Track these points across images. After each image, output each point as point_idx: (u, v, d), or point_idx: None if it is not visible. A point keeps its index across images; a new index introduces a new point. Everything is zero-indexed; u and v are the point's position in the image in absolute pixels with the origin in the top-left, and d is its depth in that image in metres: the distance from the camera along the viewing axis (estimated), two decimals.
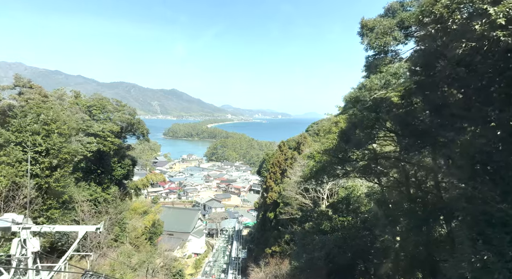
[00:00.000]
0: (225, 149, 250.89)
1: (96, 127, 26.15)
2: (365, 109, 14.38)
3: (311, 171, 18.77)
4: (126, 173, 31.92)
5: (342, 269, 21.17)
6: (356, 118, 14.76)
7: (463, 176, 8.29)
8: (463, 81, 7.58)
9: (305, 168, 20.08)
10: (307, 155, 19.78)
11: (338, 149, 16.71)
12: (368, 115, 14.06)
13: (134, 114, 32.65)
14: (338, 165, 18.40)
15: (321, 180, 18.95)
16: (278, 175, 50.22)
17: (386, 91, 11.31)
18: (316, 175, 18.51)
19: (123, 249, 30.81)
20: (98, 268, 21.64)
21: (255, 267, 41.65)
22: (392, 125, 14.75)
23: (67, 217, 19.96)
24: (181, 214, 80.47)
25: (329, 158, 17.75)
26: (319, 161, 18.41)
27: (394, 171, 18.47)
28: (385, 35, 11.60)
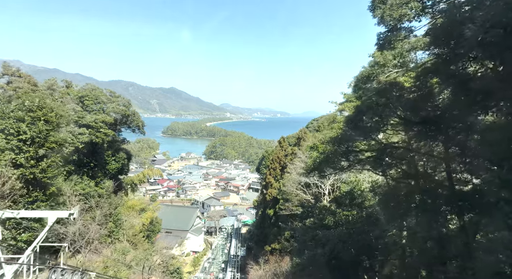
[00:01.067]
0: (224, 148, 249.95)
1: (89, 118, 24.99)
2: (374, 94, 13.34)
3: (315, 162, 17.72)
4: (120, 167, 30.78)
5: (345, 266, 20.19)
6: (364, 104, 13.71)
7: (495, 157, 7.24)
8: (499, 47, 6.53)
9: (308, 159, 19.02)
10: (310, 146, 18.75)
11: (344, 138, 15.65)
12: (378, 100, 13.02)
13: (128, 105, 31.50)
14: (343, 156, 17.35)
15: (324, 172, 17.88)
16: (278, 171, 49.23)
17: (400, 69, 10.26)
18: (319, 167, 17.45)
19: (118, 246, 29.76)
20: (89, 265, 20.61)
21: (254, 265, 40.67)
22: (402, 111, 13.70)
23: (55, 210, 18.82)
24: (180, 212, 79.80)
25: (333, 148, 16.69)
26: (322, 152, 17.35)
27: (402, 163, 17.42)
28: (400, 7, 10.53)
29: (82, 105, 26.66)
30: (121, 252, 27.15)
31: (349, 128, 14.74)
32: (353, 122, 14.27)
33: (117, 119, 30.30)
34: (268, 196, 49.23)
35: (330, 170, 18.00)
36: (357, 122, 14.07)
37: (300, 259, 21.65)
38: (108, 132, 25.94)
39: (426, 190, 14.62)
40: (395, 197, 17.06)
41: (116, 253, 26.14)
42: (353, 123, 14.33)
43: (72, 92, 27.52)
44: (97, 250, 22.38)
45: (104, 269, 22.32)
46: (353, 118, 14.19)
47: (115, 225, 28.95)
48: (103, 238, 26.00)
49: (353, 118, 14.19)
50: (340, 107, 17.71)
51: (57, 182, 18.75)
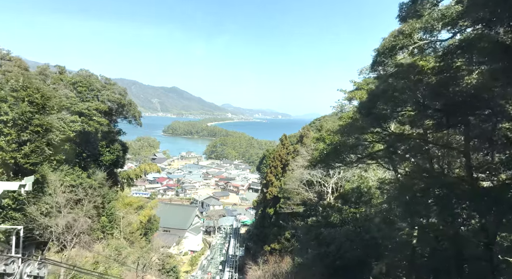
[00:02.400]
0: (224, 147, 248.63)
1: (81, 105, 23.73)
2: (391, 77, 12.04)
3: (321, 154, 16.42)
4: (115, 159, 29.46)
5: (351, 267, 18.87)
6: (379, 88, 12.41)
7: None
8: None
9: (314, 151, 17.72)
10: (316, 137, 17.46)
11: (354, 127, 14.35)
12: (395, 83, 11.72)
13: (124, 94, 30.18)
14: (352, 149, 16.05)
15: (332, 164, 16.60)
16: (279, 169, 47.91)
17: (429, 40, 8.98)
18: (326, 159, 16.17)
19: (112, 242, 28.46)
20: (76, 260, 19.32)
21: (253, 265, 39.31)
22: (421, 97, 12.40)
23: (39, 200, 17.62)
24: (178, 210, 78.71)
25: (342, 139, 15.41)
26: (330, 143, 16.06)
27: (416, 156, 16.11)
28: None
29: (76, 92, 25.41)
30: (114, 248, 25.87)
31: (361, 114, 13.45)
32: (366, 108, 12.98)
33: (112, 109, 29.01)
34: (268, 195, 47.90)
35: (337, 163, 16.73)
36: (370, 108, 12.77)
37: (302, 259, 20.35)
38: (102, 121, 24.66)
39: (444, 185, 13.27)
40: (408, 194, 15.74)
41: (108, 249, 24.86)
42: (365, 110, 13.05)
43: (65, 78, 26.26)
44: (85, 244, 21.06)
45: (94, 264, 21.06)
46: (366, 104, 12.92)
47: (108, 220, 27.64)
48: (94, 233, 24.74)
49: (366, 103, 12.91)
50: (349, 95, 16.43)
51: (42, 170, 17.53)
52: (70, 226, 19.21)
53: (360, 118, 14.38)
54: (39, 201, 17.78)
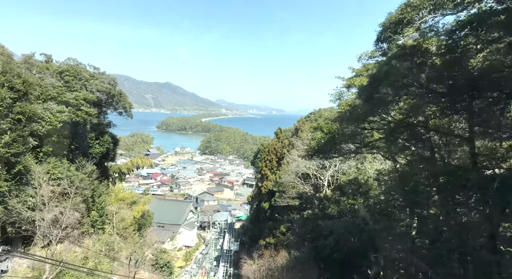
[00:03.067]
0: (218, 143, 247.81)
1: (69, 95, 22.71)
2: (394, 58, 11.41)
3: (319, 143, 15.80)
4: (105, 152, 28.51)
5: (349, 259, 18.41)
6: (381, 71, 11.78)
7: None
8: None
9: (311, 141, 17.10)
10: (314, 127, 16.83)
11: (354, 113, 13.74)
12: (399, 65, 11.10)
13: (114, 84, 29.07)
14: (351, 137, 15.45)
15: (329, 154, 15.99)
16: (274, 163, 47.34)
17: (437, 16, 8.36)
18: (324, 148, 15.56)
19: (102, 237, 27.68)
20: (64, 256, 18.53)
21: (248, 259, 38.82)
22: (425, 80, 11.81)
23: (21, 192, 16.77)
24: (173, 206, 78.15)
25: (341, 127, 14.80)
26: (328, 132, 15.45)
27: (417, 145, 15.59)
28: None
29: (63, 81, 24.31)
30: (105, 243, 25.10)
31: (361, 100, 12.83)
32: (367, 92, 12.35)
33: (101, 99, 27.96)
34: (263, 189, 47.37)
35: (335, 152, 16.13)
36: (371, 93, 12.14)
37: (299, 252, 19.84)
38: (91, 111, 23.69)
39: (448, 173, 12.74)
40: (408, 183, 15.24)
41: (99, 244, 24.07)
42: (366, 94, 12.42)
43: (51, 67, 25.13)
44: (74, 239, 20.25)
45: (83, 260, 20.30)
46: (367, 88, 12.28)
47: (99, 214, 26.79)
48: (84, 228, 23.92)
49: (367, 87, 12.28)
50: (348, 82, 15.79)
51: (25, 161, 16.64)
52: (57, 220, 18.39)
53: (360, 105, 13.78)
54: (21, 193, 16.92)
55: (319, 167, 32.43)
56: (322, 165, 32.68)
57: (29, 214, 17.19)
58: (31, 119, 16.48)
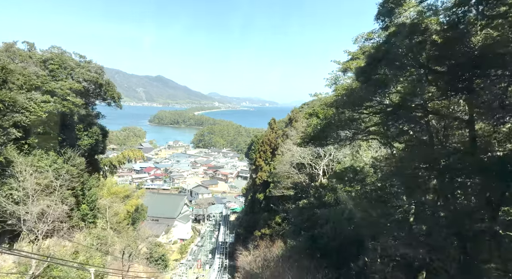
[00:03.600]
0: (212, 136, 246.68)
1: (53, 84, 21.75)
2: (393, 36, 10.90)
3: (314, 129, 15.31)
4: (94, 143, 27.63)
5: (346, 247, 18.16)
6: (379, 50, 11.27)
7: None
8: None
9: (307, 127, 16.61)
10: (309, 113, 16.32)
11: (351, 97, 13.25)
12: (398, 43, 10.59)
13: (102, 73, 28.00)
14: (348, 122, 14.99)
15: (325, 141, 15.52)
16: (269, 154, 46.94)
17: None
18: (320, 134, 15.08)
19: (94, 231, 27.06)
20: (53, 251, 17.91)
21: (244, 251, 38.65)
22: (426, 59, 11.33)
23: (4, 185, 16.02)
24: (167, 199, 77.89)
25: (337, 112, 14.32)
26: (324, 118, 14.96)
27: (415, 129, 15.22)
28: None
29: (47, 70, 23.24)
30: (96, 237, 24.50)
31: (359, 81, 12.33)
32: (365, 73, 11.85)
33: (89, 89, 26.94)
34: (258, 180, 47.02)
35: (332, 139, 15.67)
36: (370, 73, 11.65)
37: (295, 241, 19.53)
38: (77, 101, 22.75)
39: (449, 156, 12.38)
40: (407, 169, 14.88)
41: (90, 238, 23.46)
42: (364, 75, 11.91)
43: (34, 55, 24.04)
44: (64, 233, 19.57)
45: (73, 254, 19.72)
46: (366, 69, 11.76)
47: (89, 208, 26.10)
48: (74, 221, 23.25)
49: (365, 68, 11.75)
50: (344, 65, 15.27)
51: (5, 152, 15.85)
52: (43, 214, 17.69)
53: (357, 88, 13.28)
54: (4, 186, 16.15)
55: (314, 156, 32.09)
56: (317, 154, 32.36)
57: (13, 207, 16.45)
58: (12, 109, 15.64)
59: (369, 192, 17.35)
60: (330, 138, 15.50)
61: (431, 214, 16.48)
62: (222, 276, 48.10)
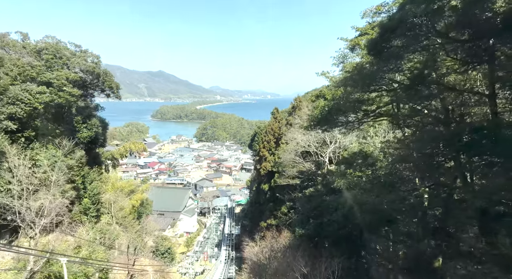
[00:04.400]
0: (215, 129, 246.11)
1: (49, 75, 20.93)
2: (408, 3, 9.95)
3: (322, 111, 14.44)
4: (94, 136, 26.91)
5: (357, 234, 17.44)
6: (393, 19, 10.33)
7: None
8: None
9: (314, 110, 15.72)
10: (316, 95, 15.36)
11: (361, 74, 12.34)
12: (414, 10, 9.65)
13: (98, 62, 27.03)
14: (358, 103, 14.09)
15: (334, 123, 14.65)
16: (273, 143, 46.11)
17: None
18: (328, 116, 14.21)
19: (98, 225, 26.61)
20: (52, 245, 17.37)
21: (250, 242, 38.22)
22: (444, 27, 10.38)
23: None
24: (172, 193, 77.64)
25: (347, 91, 13.42)
26: (332, 99, 14.08)
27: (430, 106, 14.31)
28: None
29: (41, 60, 22.36)
30: (99, 231, 24.00)
31: (371, 55, 11.41)
32: (377, 45, 10.92)
33: (86, 80, 26.06)
34: (262, 170, 46.32)
35: (341, 121, 14.78)
36: (382, 46, 10.72)
37: (303, 230, 18.86)
38: (74, 92, 21.94)
39: (471, 132, 11.47)
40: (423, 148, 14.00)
41: (93, 233, 22.96)
42: (376, 48, 10.99)
43: (28, 45, 23.16)
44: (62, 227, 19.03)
45: (75, 249, 19.21)
46: (378, 41, 10.83)
47: (91, 202, 25.56)
48: (76, 216, 22.74)
49: (377, 40, 10.82)
50: (352, 42, 14.31)
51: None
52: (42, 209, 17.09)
53: (368, 63, 12.35)
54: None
55: (319, 143, 31.29)
56: (322, 141, 31.55)
57: (7, 201, 15.84)
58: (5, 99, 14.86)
59: (381, 177, 16.55)
60: (338, 120, 14.62)
61: (447, 197, 15.69)
62: (229, 267, 47.84)
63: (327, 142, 30.53)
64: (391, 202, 15.96)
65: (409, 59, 11.60)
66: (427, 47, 10.86)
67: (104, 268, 21.01)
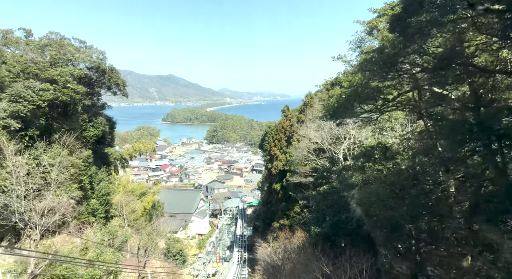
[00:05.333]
0: (225, 131, 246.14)
1: (52, 71, 20.40)
2: None
3: (339, 99, 13.35)
4: (101, 135, 26.36)
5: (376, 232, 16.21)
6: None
7: None
8: None
9: (330, 99, 14.63)
10: (331, 83, 14.25)
11: (383, 54, 11.22)
12: None
13: (104, 58, 26.28)
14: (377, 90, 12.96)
15: (352, 112, 13.52)
16: (284, 142, 45.03)
17: None
18: (346, 104, 13.09)
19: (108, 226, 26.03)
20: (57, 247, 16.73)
21: (263, 243, 37.17)
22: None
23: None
24: (183, 195, 77.47)
25: (366, 76, 12.31)
26: (349, 86, 13.00)
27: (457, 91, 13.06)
28: None
29: (44, 56, 21.93)
30: (108, 232, 23.38)
31: (393, 33, 10.29)
32: (400, 22, 9.80)
33: (91, 77, 25.60)
34: (273, 170, 45.28)
35: (359, 110, 13.63)
36: (406, 21, 9.59)
37: (320, 228, 17.73)
38: (79, 88, 21.32)
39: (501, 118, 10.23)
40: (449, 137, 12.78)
41: (101, 234, 22.32)
42: (399, 24, 9.87)
43: (32, 42, 22.81)
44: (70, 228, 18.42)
45: (82, 251, 18.55)
46: (401, 16, 9.71)
47: (99, 202, 25.00)
48: (83, 217, 22.17)
49: (401, 15, 9.71)
50: (370, 24, 13.17)
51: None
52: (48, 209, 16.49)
53: (389, 45, 11.22)
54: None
55: (333, 140, 30.13)
56: (336, 138, 30.40)
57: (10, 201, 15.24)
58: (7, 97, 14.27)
59: (403, 170, 15.32)
60: (357, 109, 13.50)
61: (477, 189, 14.35)
62: (242, 269, 46.83)
63: (341, 138, 29.34)
64: (415, 197, 14.73)
65: (435, 36, 10.44)
66: (456, 22, 9.70)
67: (113, 271, 20.30)
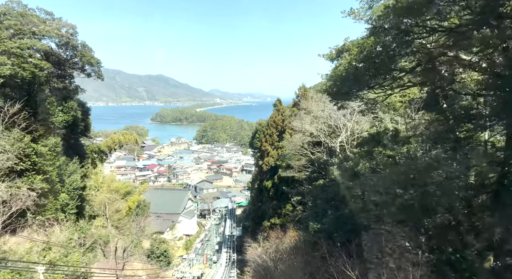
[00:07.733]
0: (215, 131, 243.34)
1: (10, 43, 17.64)
2: None
3: (349, 68, 11.20)
4: (71, 120, 23.50)
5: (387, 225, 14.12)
6: None
7: None
8: None
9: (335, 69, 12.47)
10: (338, 50, 11.98)
11: (402, 7, 9.12)
12: None
13: (74, 33, 23.39)
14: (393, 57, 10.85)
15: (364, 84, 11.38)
16: (275, 137, 42.89)
17: None
18: (358, 72, 10.94)
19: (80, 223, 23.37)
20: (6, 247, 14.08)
21: (252, 243, 34.95)
22: None
23: None
24: (170, 195, 74.76)
25: (380, 37, 10.21)
26: (361, 51, 10.85)
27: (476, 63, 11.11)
28: None
29: (1, 26, 19.13)
30: (78, 230, 20.71)
31: None
32: None
33: (61, 56, 22.74)
34: (264, 166, 43.07)
35: (375, 81, 11.48)
36: None
37: (319, 223, 15.59)
38: (42, 64, 18.53)
39: None
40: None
41: (68, 232, 19.64)
42: None
43: None
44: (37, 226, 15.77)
45: (44, 252, 15.94)
46: None
47: (70, 197, 22.23)
48: (50, 213, 19.48)
49: None
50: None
51: None
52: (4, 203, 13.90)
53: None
54: None
55: (329, 132, 28.18)
56: (331, 131, 28.50)
57: None
58: None
59: (416, 157, 13.30)
60: (372, 81, 11.40)
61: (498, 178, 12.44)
62: (230, 270, 44.43)
63: (337, 129, 27.43)
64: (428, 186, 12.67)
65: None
66: None
67: (82, 275, 17.67)
